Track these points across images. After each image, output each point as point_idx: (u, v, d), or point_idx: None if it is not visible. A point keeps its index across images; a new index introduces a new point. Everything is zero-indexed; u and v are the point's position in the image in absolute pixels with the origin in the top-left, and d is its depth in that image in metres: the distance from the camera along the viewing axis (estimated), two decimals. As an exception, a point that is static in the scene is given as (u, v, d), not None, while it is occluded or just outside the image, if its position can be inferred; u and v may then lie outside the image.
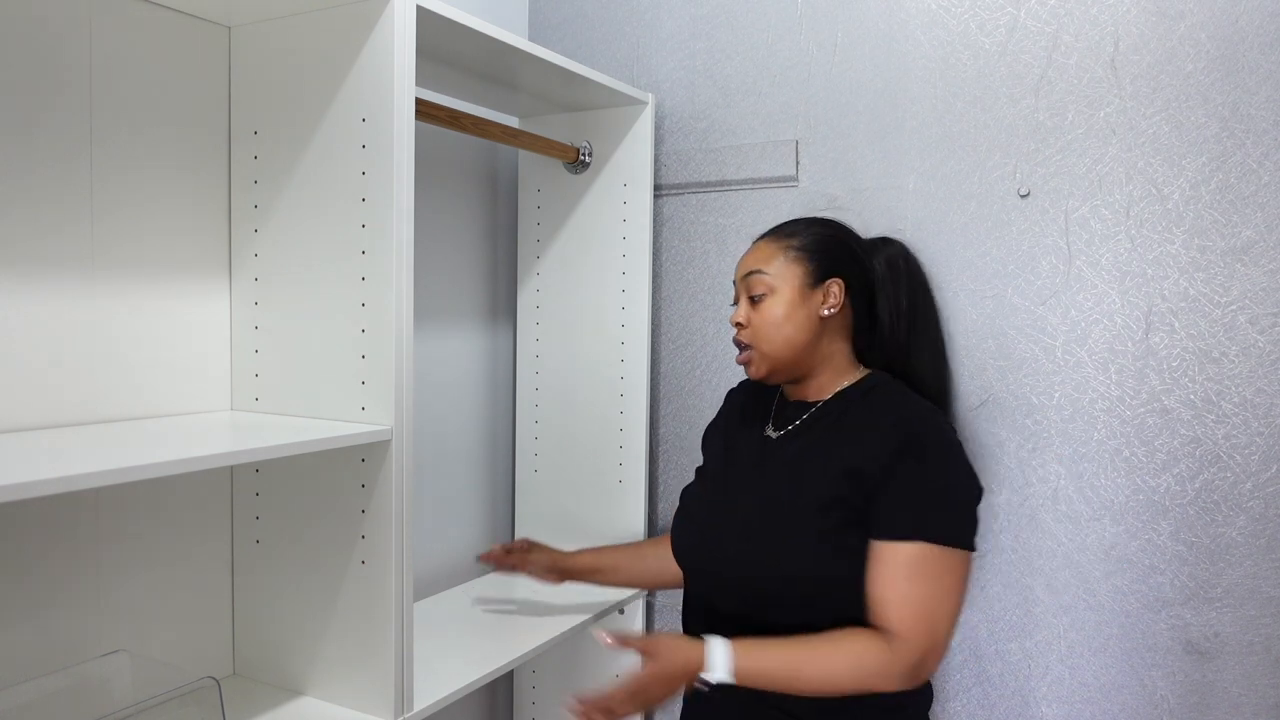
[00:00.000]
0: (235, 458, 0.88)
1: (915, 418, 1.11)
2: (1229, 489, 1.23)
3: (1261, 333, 1.20)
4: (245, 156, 1.17)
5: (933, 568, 1.03)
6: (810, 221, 1.24)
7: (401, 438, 1.07)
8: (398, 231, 1.05)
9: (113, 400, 1.07)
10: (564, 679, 1.70)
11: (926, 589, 1.03)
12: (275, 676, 1.18)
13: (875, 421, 1.12)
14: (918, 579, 1.03)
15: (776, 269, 1.18)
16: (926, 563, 1.03)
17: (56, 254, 1.01)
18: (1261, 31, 1.19)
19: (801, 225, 1.23)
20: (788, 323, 1.16)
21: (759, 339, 1.17)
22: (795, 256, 1.18)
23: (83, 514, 1.05)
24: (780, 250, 1.19)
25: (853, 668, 1.03)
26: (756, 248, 1.22)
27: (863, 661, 1.03)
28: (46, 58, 0.99)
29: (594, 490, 1.65)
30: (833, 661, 1.04)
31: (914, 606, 1.02)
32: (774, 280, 1.17)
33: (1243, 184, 1.21)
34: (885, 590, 1.04)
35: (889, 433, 1.08)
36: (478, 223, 1.70)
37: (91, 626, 1.06)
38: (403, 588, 1.08)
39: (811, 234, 1.20)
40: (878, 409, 1.14)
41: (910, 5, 1.43)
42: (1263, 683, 1.21)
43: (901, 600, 1.03)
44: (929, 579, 1.03)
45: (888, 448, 1.07)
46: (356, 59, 1.06)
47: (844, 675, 1.03)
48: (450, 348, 1.65)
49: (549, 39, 1.80)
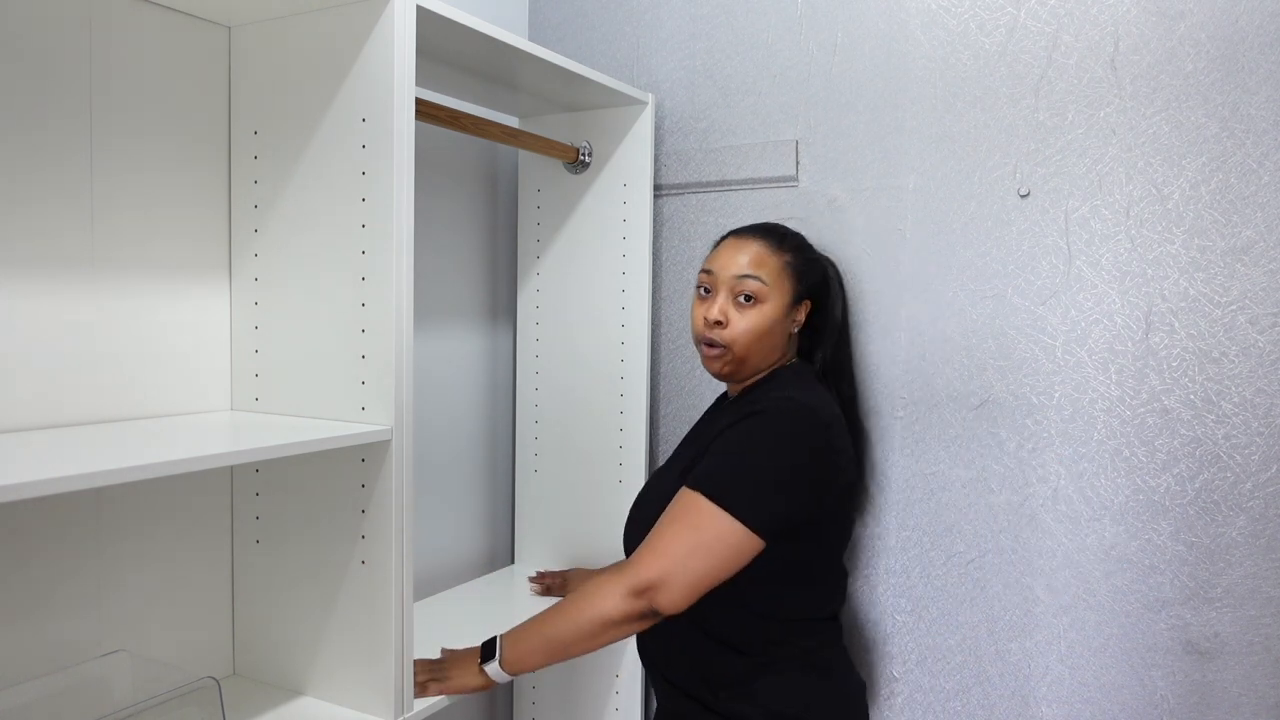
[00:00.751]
0: (235, 458, 0.88)
1: (767, 397, 1.16)
2: (1229, 489, 1.23)
3: (1261, 333, 1.20)
4: (245, 156, 1.17)
5: (697, 518, 1.05)
6: (790, 234, 1.28)
7: (401, 438, 1.07)
8: (398, 231, 1.05)
9: (113, 400, 1.07)
10: (564, 679, 1.70)
11: (682, 533, 1.06)
12: (275, 676, 1.18)
13: (744, 400, 1.20)
14: (679, 522, 1.06)
15: (773, 279, 1.20)
16: (693, 512, 1.06)
17: (56, 254, 1.01)
18: (1261, 31, 1.19)
19: (792, 238, 1.26)
20: (770, 334, 1.21)
21: (737, 342, 1.19)
22: (791, 273, 1.22)
23: (83, 514, 1.05)
24: (779, 261, 1.21)
25: (585, 599, 1.07)
26: (747, 247, 1.22)
27: (592, 591, 1.07)
28: (46, 58, 0.99)
29: (594, 490, 1.65)
30: (571, 606, 1.09)
31: (662, 543, 1.06)
32: (769, 290, 1.19)
33: (1243, 184, 1.21)
34: (655, 527, 1.09)
35: (744, 406, 1.16)
36: (478, 223, 1.70)
37: (91, 626, 1.06)
38: (403, 588, 1.08)
39: (803, 253, 1.26)
40: (756, 390, 1.22)
41: (910, 5, 1.43)
42: (1263, 683, 1.21)
43: (657, 535, 1.07)
44: (688, 526, 1.06)
45: (733, 416, 1.14)
46: (356, 59, 1.06)
47: (581, 611, 1.07)
48: (450, 348, 1.65)
49: (549, 39, 1.80)
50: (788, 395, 1.16)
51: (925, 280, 1.42)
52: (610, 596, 1.05)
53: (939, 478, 1.42)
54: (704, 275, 1.24)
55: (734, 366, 1.22)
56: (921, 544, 1.44)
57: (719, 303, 1.20)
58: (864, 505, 1.47)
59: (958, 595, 1.41)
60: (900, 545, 1.46)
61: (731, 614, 1.14)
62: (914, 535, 1.44)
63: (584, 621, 1.06)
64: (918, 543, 1.44)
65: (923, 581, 1.44)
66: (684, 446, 1.32)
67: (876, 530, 1.47)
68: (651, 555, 1.06)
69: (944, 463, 1.42)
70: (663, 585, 1.04)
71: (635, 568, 1.06)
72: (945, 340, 1.41)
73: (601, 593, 1.06)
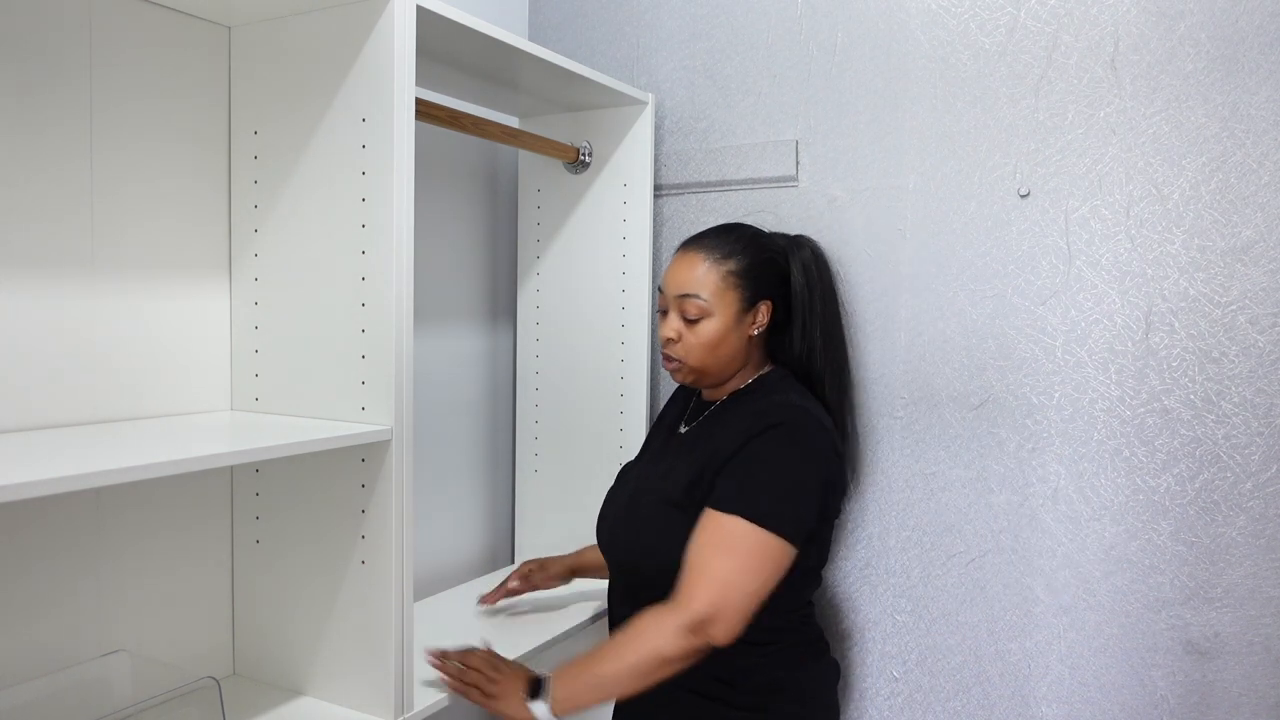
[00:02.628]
0: (235, 458, 0.88)
1: (775, 407, 1.16)
2: (1229, 489, 1.23)
3: (1261, 333, 1.20)
4: (245, 156, 1.17)
5: (740, 542, 1.06)
6: (739, 237, 1.25)
7: (401, 438, 1.07)
8: (398, 232, 1.05)
9: (113, 400, 1.07)
10: (564, 679, 1.70)
11: (727, 560, 1.06)
12: (275, 676, 1.18)
13: (745, 412, 1.19)
14: (722, 549, 1.06)
15: (713, 294, 1.20)
16: (734, 536, 1.06)
17: (56, 254, 1.01)
18: (1261, 31, 1.19)
19: (734, 243, 1.24)
20: (722, 345, 1.21)
21: (690, 356, 1.22)
22: (733, 283, 1.21)
23: (83, 514, 1.05)
24: (717, 274, 1.21)
25: (639, 638, 1.06)
26: (689, 263, 1.23)
27: (645, 629, 1.06)
28: (47, 58, 0.99)
29: (594, 490, 1.64)
30: (624, 644, 1.07)
31: (708, 572, 1.05)
32: (710, 306, 1.20)
33: (1243, 184, 1.21)
34: (691, 556, 1.08)
35: (748, 420, 1.15)
36: (478, 223, 1.70)
37: (91, 626, 1.06)
38: (403, 588, 1.08)
39: (747, 256, 1.23)
40: (752, 401, 1.22)
41: (910, 5, 1.43)
42: (1263, 683, 1.21)
43: (701, 565, 1.06)
44: (732, 552, 1.06)
45: (741, 431, 1.14)
46: (356, 59, 1.06)
47: (635, 651, 1.05)
48: (450, 348, 1.65)
49: (549, 39, 1.80)
50: (793, 403, 1.18)
51: (925, 280, 1.42)
52: (664, 634, 1.04)
53: (939, 478, 1.42)
54: (659, 293, 1.27)
55: (694, 377, 1.24)
56: (921, 544, 1.44)
57: (670, 320, 1.23)
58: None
59: (958, 595, 1.41)
60: (900, 545, 1.46)
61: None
62: (914, 535, 1.44)
63: (639, 661, 1.04)
64: (918, 543, 1.44)
65: (923, 581, 1.44)
66: (659, 441, 1.34)
67: (877, 530, 1.47)
68: (701, 588, 1.05)
69: (944, 463, 1.42)
70: (718, 618, 1.04)
71: (687, 604, 1.04)
72: (945, 340, 1.41)
73: (654, 630, 1.05)
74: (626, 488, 1.31)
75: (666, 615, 1.05)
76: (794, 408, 1.17)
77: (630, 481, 1.32)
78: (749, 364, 1.27)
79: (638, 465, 1.37)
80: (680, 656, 1.05)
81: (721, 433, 1.19)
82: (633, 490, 1.28)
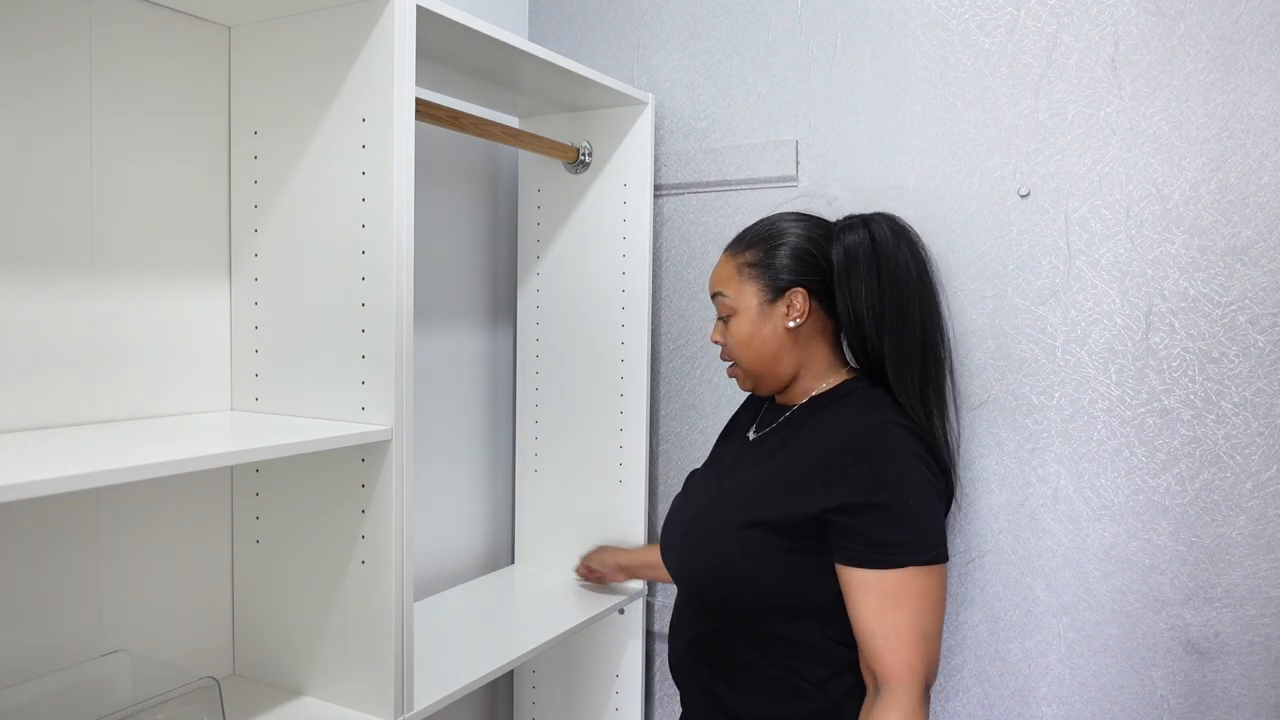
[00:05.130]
0: (235, 458, 0.88)
1: (866, 433, 1.06)
2: (1229, 489, 1.23)
3: (1261, 333, 1.20)
4: (245, 156, 1.17)
5: (908, 590, 1.01)
6: (766, 224, 1.20)
7: (401, 438, 1.07)
8: (398, 232, 1.05)
9: (113, 400, 1.07)
10: (564, 679, 1.70)
11: (904, 613, 1.00)
12: (275, 676, 1.18)
13: (827, 437, 1.09)
14: (896, 606, 1.01)
15: (734, 290, 1.19)
16: (901, 589, 1.01)
17: (56, 254, 1.01)
18: (1261, 31, 1.19)
19: (758, 231, 1.20)
20: (755, 340, 1.17)
21: (736, 356, 1.20)
22: (749, 274, 1.17)
23: (83, 514, 1.05)
24: (735, 269, 1.19)
25: None
26: (719, 264, 1.23)
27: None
28: (47, 58, 0.99)
29: (594, 490, 1.65)
30: None
31: (897, 636, 1.00)
32: (733, 302, 1.18)
33: (1243, 184, 1.21)
34: (869, 625, 1.02)
35: (842, 456, 1.05)
36: (478, 223, 1.70)
37: (91, 626, 1.06)
38: (403, 588, 1.08)
39: (765, 246, 1.17)
40: (832, 424, 1.11)
41: (910, 5, 1.43)
42: (1263, 683, 1.21)
43: (885, 632, 1.00)
44: (906, 603, 1.01)
45: (850, 466, 1.04)
46: (356, 59, 1.06)
47: None
48: (450, 348, 1.65)
49: (549, 39, 1.80)
50: (884, 420, 1.08)
51: (925, 280, 1.42)
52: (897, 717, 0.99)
53: (939, 478, 1.42)
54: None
55: (752, 382, 1.21)
56: (921, 544, 1.44)
57: (717, 324, 1.22)
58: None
59: (958, 595, 1.41)
60: (900, 545, 1.45)
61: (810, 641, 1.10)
62: (914, 535, 1.44)
63: None
64: (918, 543, 1.44)
65: (923, 581, 1.44)
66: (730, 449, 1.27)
67: (876, 530, 1.47)
68: (901, 656, 1.00)
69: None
70: (928, 671, 1.01)
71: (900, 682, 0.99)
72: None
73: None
74: (696, 501, 1.22)
75: (891, 709, 0.99)
76: (884, 426, 1.07)
77: (700, 495, 1.22)
78: (817, 364, 1.17)
79: (707, 476, 1.27)
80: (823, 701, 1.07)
81: (801, 451, 1.11)
82: (705, 505, 1.18)
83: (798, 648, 1.09)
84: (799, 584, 1.07)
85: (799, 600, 1.08)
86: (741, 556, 1.09)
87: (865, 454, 1.04)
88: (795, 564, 1.07)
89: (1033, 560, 1.35)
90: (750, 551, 1.09)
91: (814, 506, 1.05)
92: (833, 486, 1.04)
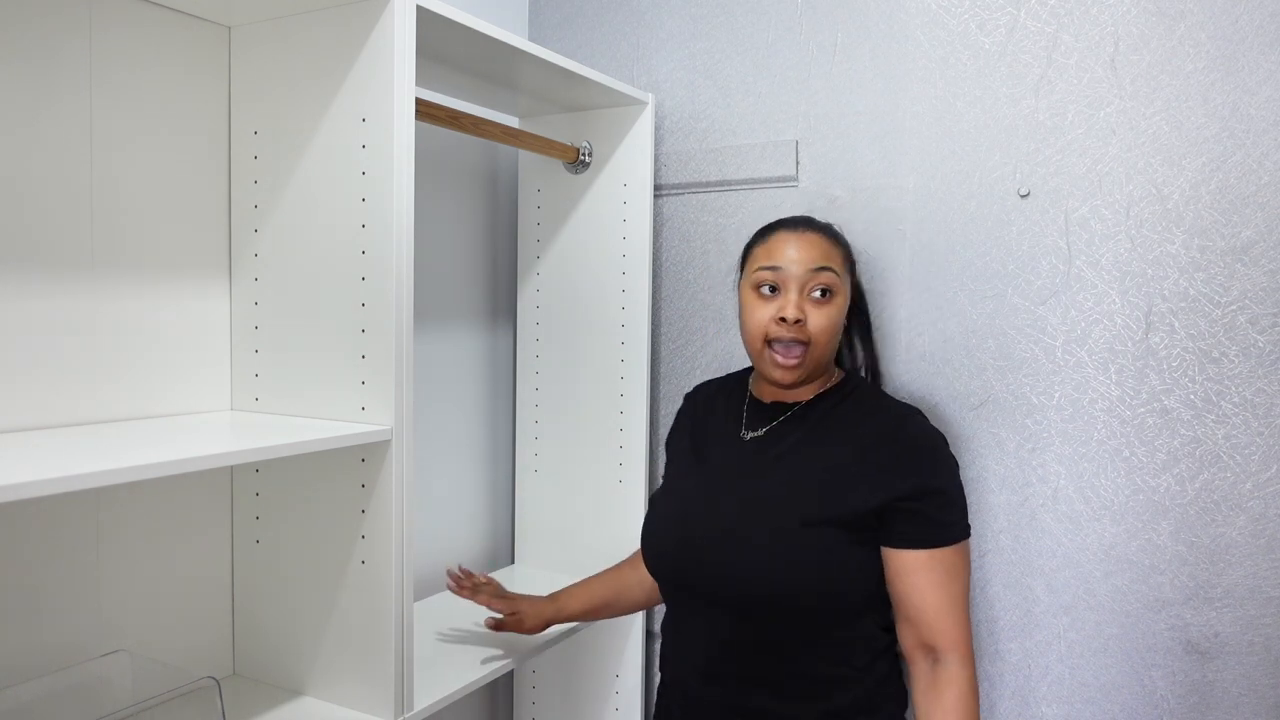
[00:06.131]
0: (235, 458, 0.88)
1: (909, 424, 1.13)
2: (1229, 489, 1.23)
3: (1261, 333, 1.20)
4: (245, 156, 1.17)
5: (955, 565, 1.08)
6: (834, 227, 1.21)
7: (401, 438, 1.07)
8: (398, 231, 1.05)
9: (113, 400, 1.07)
10: (564, 679, 1.70)
11: (954, 587, 1.08)
12: (275, 676, 1.18)
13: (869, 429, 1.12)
14: (954, 579, 1.08)
15: (841, 270, 1.15)
16: (949, 564, 1.08)
17: (56, 254, 1.01)
18: (1261, 31, 1.19)
19: (837, 234, 1.19)
20: (838, 330, 1.15)
21: (818, 341, 1.11)
22: (848, 264, 1.18)
23: (83, 514, 1.05)
24: (839, 253, 1.16)
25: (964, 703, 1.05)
26: (810, 239, 1.13)
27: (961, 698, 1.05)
28: (47, 58, 0.99)
29: (594, 490, 1.65)
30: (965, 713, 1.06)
31: (952, 611, 1.07)
32: (840, 283, 1.14)
33: (1243, 184, 1.21)
34: (932, 597, 1.07)
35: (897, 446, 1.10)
36: (478, 223, 1.70)
37: (91, 626, 1.06)
38: (403, 588, 1.08)
39: (847, 244, 1.20)
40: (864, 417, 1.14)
41: (910, 5, 1.43)
42: (1263, 683, 1.21)
43: (941, 607, 1.07)
44: (955, 577, 1.08)
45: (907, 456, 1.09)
46: (356, 59, 1.06)
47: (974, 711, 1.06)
48: (450, 348, 1.65)
49: (549, 39, 1.80)
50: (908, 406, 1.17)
51: (925, 280, 1.42)
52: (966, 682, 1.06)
53: (939, 478, 1.42)
54: (766, 273, 1.12)
55: (809, 369, 1.12)
56: (921, 544, 1.44)
57: (790, 298, 1.10)
58: None
59: (958, 595, 1.41)
60: (900, 545, 1.45)
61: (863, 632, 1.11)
62: (914, 535, 1.44)
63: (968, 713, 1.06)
64: (918, 543, 1.44)
65: (923, 581, 1.44)
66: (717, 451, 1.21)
67: (876, 530, 1.47)
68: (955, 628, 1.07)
69: (944, 463, 1.42)
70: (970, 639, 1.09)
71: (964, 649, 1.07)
72: (945, 340, 1.41)
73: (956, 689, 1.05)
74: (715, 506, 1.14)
75: (965, 671, 1.06)
76: (915, 415, 1.14)
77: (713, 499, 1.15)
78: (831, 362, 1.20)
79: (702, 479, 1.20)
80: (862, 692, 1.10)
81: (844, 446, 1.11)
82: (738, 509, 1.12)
83: (850, 640, 1.10)
84: (864, 575, 1.09)
85: (864, 591, 1.10)
86: (819, 555, 1.06)
87: (917, 443, 1.10)
88: (860, 556, 1.09)
89: (1033, 560, 1.35)
90: (823, 549, 1.07)
91: (877, 498, 1.07)
92: (895, 476, 1.08)
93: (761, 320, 1.12)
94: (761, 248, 1.16)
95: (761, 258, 1.15)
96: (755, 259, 1.16)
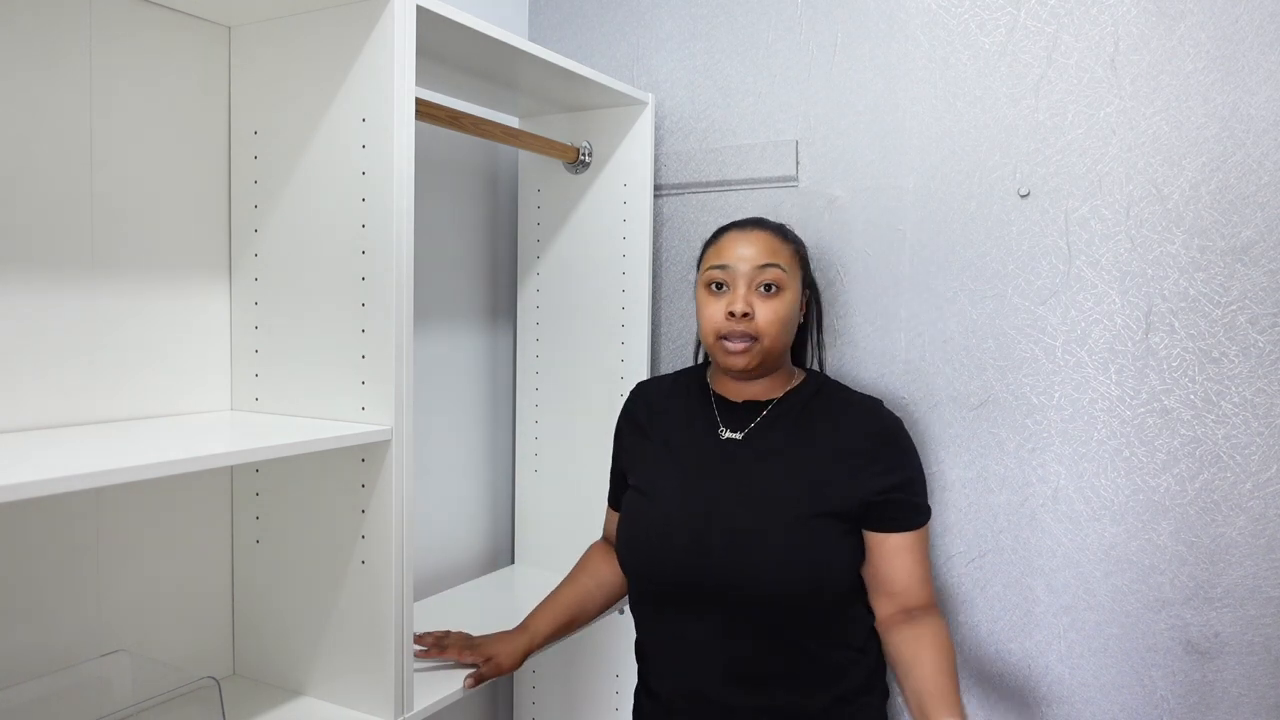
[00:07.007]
0: (235, 458, 0.88)
1: (886, 418, 1.21)
2: (1229, 489, 1.23)
3: (1261, 333, 1.20)
4: (245, 156, 1.17)
5: (926, 539, 1.19)
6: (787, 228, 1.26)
7: (401, 438, 1.07)
8: (398, 231, 1.05)
9: (113, 400, 1.07)
10: (564, 679, 1.70)
11: (927, 552, 1.19)
12: (275, 676, 1.18)
13: (854, 424, 1.19)
14: (926, 550, 1.18)
15: (788, 266, 1.19)
16: (926, 535, 1.18)
17: (56, 253, 1.01)
18: (1261, 31, 1.19)
19: (789, 233, 1.24)
20: (791, 323, 1.20)
21: (766, 333, 1.15)
22: (797, 262, 1.22)
23: (83, 514, 1.05)
24: (787, 250, 1.20)
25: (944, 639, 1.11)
26: (756, 237, 1.18)
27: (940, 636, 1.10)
28: (47, 58, 0.99)
29: (594, 490, 1.65)
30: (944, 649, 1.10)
31: (928, 573, 1.18)
32: (787, 277, 1.18)
33: (1243, 184, 1.21)
34: (915, 569, 1.15)
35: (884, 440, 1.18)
36: (478, 223, 1.70)
37: (91, 626, 1.06)
38: (403, 588, 1.08)
39: (798, 241, 1.25)
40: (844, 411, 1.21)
41: (910, 5, 1.43)
42: (1263, 683, 1.21)
43: (924, 569, 1.16)
44: (927, 543, 1.19)
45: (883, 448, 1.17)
46: (356, 59, 1.06)
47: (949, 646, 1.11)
48: (450, 348, 1.65)
49: (549, 39, 1.80)
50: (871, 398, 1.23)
51: (925, 280, 1.42)
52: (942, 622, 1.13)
53: (939, 478, 1.42)
54: (716, 271, 1.17)
55: (761, 358, 1.15)
56: (921, 544, 1.44)
57: (739, 294, 1.15)
58: None
59: (958, 595, 1.41)
60: (900, 545, 1.45)
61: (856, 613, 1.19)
62: (914, 535, 1.44)
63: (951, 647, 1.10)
64: (918, 543, 1.44)
65: (923, 581, 1.44)
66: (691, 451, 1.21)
67: (876, 530, 1.47)
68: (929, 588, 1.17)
69: (944, 463, 1.42)
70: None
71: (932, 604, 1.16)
72: (945, 340, 1.41)
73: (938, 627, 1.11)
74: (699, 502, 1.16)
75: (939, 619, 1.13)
76: (884, 408, 1.22)
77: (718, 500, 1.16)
78: (786, 359, 1.25)
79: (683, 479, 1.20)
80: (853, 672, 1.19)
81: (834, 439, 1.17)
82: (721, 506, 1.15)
83: (850, 623, 1.17)
84: (855, 560, 1.17)
85: (855, 575, 1.17)
86: (827, 546, 1.13)
87: (897, 435, 1.19)
88: (852, 543, 1.16)
89: (1033, 560, 1.35)
90: (828, 539, 1.14)
91: (870, 488, 1.14)
92: (885, 467, 1.15)
93: (713, 316, 1.17)
94: (713, 248, 1.22)
95: (712, 257, 1.21)
96: (707, 259, 1.22)
